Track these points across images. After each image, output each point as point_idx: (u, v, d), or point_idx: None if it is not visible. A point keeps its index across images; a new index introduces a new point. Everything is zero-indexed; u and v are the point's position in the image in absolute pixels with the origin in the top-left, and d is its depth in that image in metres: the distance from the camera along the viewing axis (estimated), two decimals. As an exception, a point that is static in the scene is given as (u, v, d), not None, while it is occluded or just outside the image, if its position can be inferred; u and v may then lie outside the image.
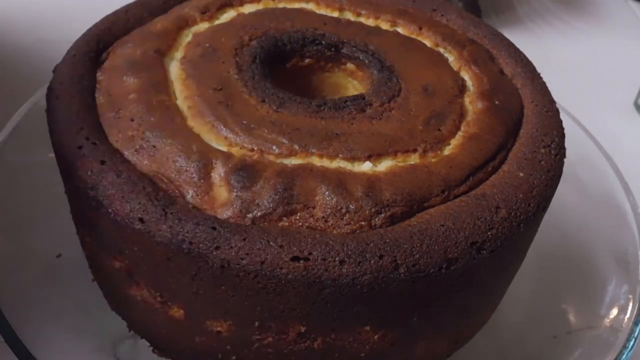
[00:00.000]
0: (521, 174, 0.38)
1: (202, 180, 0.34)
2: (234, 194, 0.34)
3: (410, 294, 0.34)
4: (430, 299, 0.35)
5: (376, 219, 0.34)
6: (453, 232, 0.34)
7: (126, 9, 0.46)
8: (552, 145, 0.40)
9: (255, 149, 0.36)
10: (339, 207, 0.33)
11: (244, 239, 0.32)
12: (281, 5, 0.48)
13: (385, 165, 0.36)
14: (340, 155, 0.36)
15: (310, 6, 0.49)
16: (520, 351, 0.47)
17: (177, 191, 0.34)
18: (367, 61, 0.44)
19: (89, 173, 0.35)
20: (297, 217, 0.33)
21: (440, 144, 0.38)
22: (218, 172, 0.34)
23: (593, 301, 0.48)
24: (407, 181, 0.35)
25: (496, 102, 0.42)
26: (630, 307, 0.46)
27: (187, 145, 0.35)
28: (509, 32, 0.65)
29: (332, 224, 0.33)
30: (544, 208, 0.38)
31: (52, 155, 0.38)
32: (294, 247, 0.32)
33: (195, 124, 0.37)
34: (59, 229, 0.47)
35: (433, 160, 0.37)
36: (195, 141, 0.36)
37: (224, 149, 0.36)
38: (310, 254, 0.32)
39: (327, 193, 0.34)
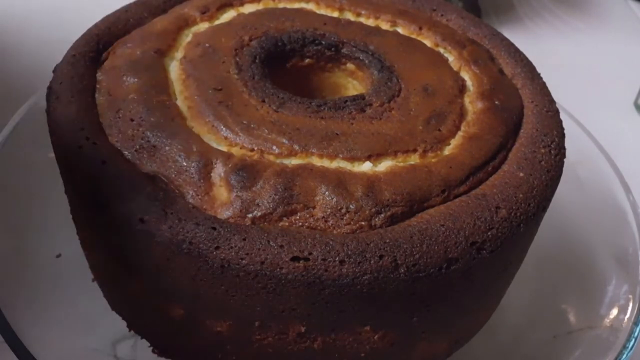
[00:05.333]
0: (521, 174, 0.38)
1: (202, 180, 0.34)
2: (234, 194, 0.34)
3: (410, 294, 0.34)
4: (430, 299, 0.35)
5: (376, 219, 0.34)
6: (453, 232, 0.34)
7: (126, 9, 0.46)
8: (552, 145, 0.40)
9: (255, 149, 0.36)
10: (339, 207, 0.33)
11: (244, 239, 0.32)
12: (281, 5, 0.48)
13: (385, 165, 0.36)
14: (340, 155, 0.36)
15: (310, 6, 0.49)
16: (521, 351, 0.47)
17: (177, 191, 0.34)
18: (367, 61, 0.44)
19: (89, 173, 0.35)
20: (297, 217, 0.33)
21: (440, 144, 0.38)
22: (218, 172, 0.34)
23: (593, 301, 0.48)
24: (407, 181, 0.35)
25: (496, 102, 0.42)
26: (630, 307, 0.46)
27: (187, 145, 0.35)
28: (509, 32, 0.65)
29: (332, 224, 0.33)
30: (544, 208, 0.38)
31: (52, 155, 0.38)
32: (294, 247, 0.32)
33: (195, 124, 0.37)
34: (59, 229, 0.47)
35: (433, 160, 0.37)
36: (195, 141, 0.36)
37: (224, 149, 0.36)
38: (310, 254, 0.32)
39: (327, 193, 0.34)
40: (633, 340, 0.43)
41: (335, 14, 0.48)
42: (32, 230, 0.49)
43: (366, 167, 0.36)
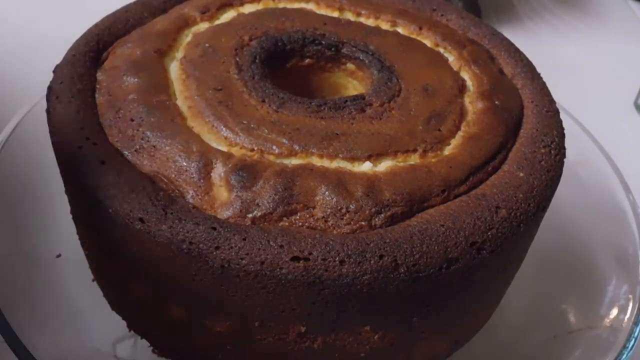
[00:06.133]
0: (521, 174, 0.38)
1: (202, 180, 0.34)
2: (234, 194, 0.34)
3: (410, 294, 0.34)
4: (430, 299, 0.35)
5: (376, 219, 0.34)
6: (453, 232, 0.34)
7: (126, 9, 0.46)
8: (552, 145, 0.40)
9: (255, 149, 0.36)
10: (339, 207, 0.33)
11: (244, 239, 0.32)
12: (281, 5, 0.48)
13: (385, 165, 0.36)
14: (340, 155, 0.36)
15: (310, 6, 0.49)
16: (521, 351, 0.47)
17: (177, 191, 0.34)
18: (367, 61, 0.44)
19: (89, 173, 0.35)
20: (297, 217, 0.33)
21: (440, 144, 0.38)
22: (218, 172, 0.34)
23: (593, 301, 0.48)
24: (407, 181, 0.35)
25: (496, 102, 0.42)
26: (630, 307, 0.46)
27: (187, 145, 0.35)
28: (509, 32, 0.65)
29: (332, 224, 0.33)
30: (544, 208, 0.38)
31: (52, 155, 0.38)
32: (294, 247, 0.32)
33: (195, 124, 0.37)
34: (59, 229, 0.47)
35: (433, 160, 0.37)
36: (195, 141, 0.36)
37: (224, 149, 0.36)
38: (310, 254, 0.32)
39: (327, 193, 0.34)
40: (633, 340, 0.43)
41: (335, 14, 0.48)
42: (32, 230, 0.49)
43: (366, 167, 0.36)
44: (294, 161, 0.36)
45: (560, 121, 0.43)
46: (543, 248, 0.48)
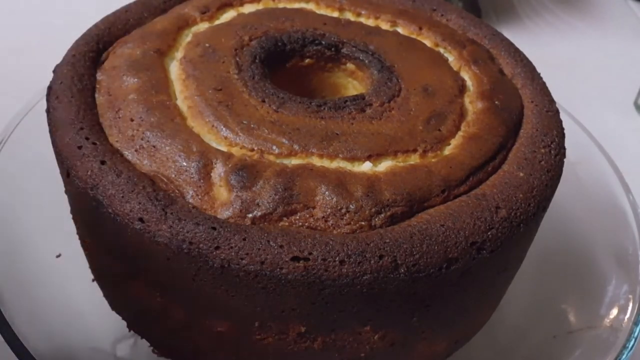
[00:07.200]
0: (521, 174, 0.38)
1: (202, 180, 0.34)
2: (234, 194, 0.34)
3: (411, 294, 0.34)
4: (431, 299, 0.35)
5: (376, 219, 0.34)
6: (453, 232, 0.34)
7: (126, 9, 0.46)
8: (552, 145, 0.40)
9: (255, 149, 0.36)
10: (339, 207, 0.33)
11: (244, 239, 0.32)
12: (281, 5, 0.48)
13: (385, 165, 0.36)
14: (340, 155, 0.36)
15: (310, 6, 0.49)
16: (520, 351, 0.47)
17: (177, 191, 0.34)
18: (367, 61, 0.44)
19: (89, 173, 0.35)
20: (297, 217, 0.33)
21: (440, 144, 0.38)
22: (218, 172, 0.34)
23: (593, 301, 0.48)
24: (407, 181, 0.35)
25: (496, 102, 0.42)
26: (630, 307, 0.46)
27: (187, 145, 0.35)
28: (509, 32, 0.65)
29: (332, 224, 0.33)
30: (544, 208, 0.38)
31: (52, 155, 0.38)
32: (294, 247, 0.32)
33: (195, 124, 0.37)
34: (59, 229, 0.47)
35: (433, 160, 0.37)
36: (195, 141, 0.36)
37: (224, 149, 0.36)
38: (310, 254, 0.32)
39: (327, 193, 0.34)
40: (633, 340, 0.43)
41: (335, 14, 0.48)
42: (32, 230, 0.49)
43: (366, 167, 0.36)
44: (294, 161, 0.36)
45: (560, 121, 0.43)
46: (543, 248, 0.48)
